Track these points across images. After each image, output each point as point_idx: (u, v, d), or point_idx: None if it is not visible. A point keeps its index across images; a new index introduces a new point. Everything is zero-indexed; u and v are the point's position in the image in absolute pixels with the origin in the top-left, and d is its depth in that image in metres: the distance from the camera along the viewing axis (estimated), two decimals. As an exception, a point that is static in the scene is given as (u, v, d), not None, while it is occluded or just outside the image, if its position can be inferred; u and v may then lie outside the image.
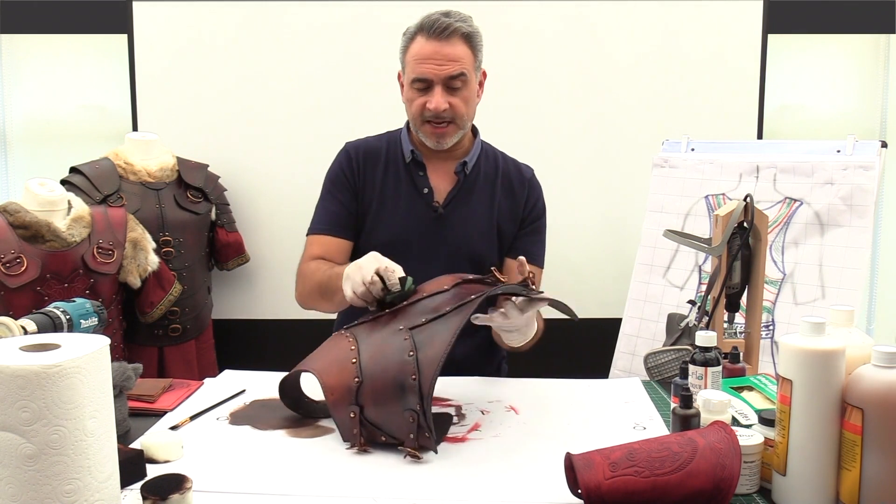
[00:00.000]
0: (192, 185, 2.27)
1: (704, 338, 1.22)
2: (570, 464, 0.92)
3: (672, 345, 1.49)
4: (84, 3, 2.50)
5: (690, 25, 2.42)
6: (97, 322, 1.18)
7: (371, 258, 1.27)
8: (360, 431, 1.11)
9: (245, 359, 2.30)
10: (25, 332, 1.07)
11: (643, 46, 2.43)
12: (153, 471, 1.00)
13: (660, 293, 2.06)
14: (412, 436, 1.08)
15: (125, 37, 2.43)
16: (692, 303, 1.55)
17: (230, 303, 2.52)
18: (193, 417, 1.23)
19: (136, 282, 1.99)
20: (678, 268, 2.05)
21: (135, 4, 2.41)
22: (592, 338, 2.31)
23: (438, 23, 1.45)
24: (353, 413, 1.12)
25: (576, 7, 2.42)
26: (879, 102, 2.60)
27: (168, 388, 1.35)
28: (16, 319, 1.08)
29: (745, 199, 1.44)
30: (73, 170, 2.15)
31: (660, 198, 2.12)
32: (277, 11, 2.42)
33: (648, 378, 1.47)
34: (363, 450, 1.10)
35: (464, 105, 1.49)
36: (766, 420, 1.00)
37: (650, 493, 0.87)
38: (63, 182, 2.06)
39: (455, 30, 1.45)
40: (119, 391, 1.16)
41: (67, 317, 1.13)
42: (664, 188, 2.12)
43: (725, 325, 1.48)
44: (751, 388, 1.28)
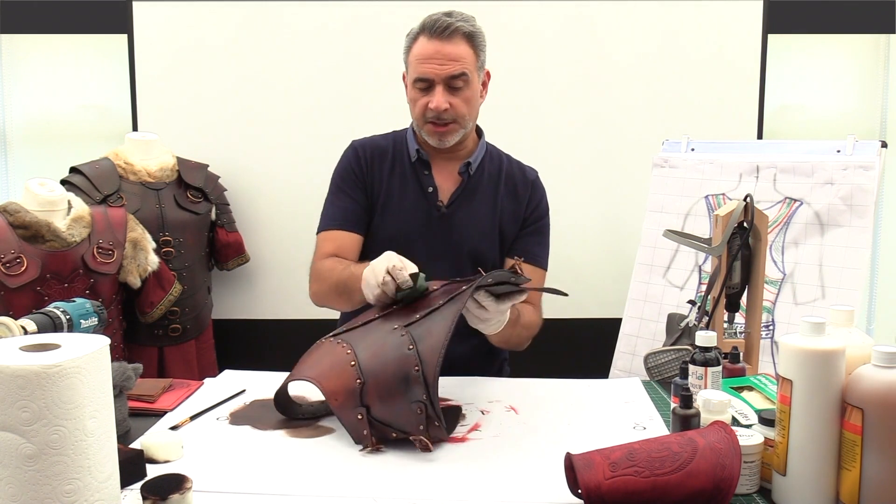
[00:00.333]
0: (192, 185, 2.27)
1: (704, 338, 1.22)
2: (570, 464, 0.92)
3: (672, 345, 1.49)
4: (84, 3, 2.50)
5: (690, 25, 2.42)
6: (97, 322, 1.18)
7: (383, 258, 1.28)
8: (371, 432, 1.11)
9: (245, 359, 2.30)
10: (25, 332, 1.07)
11: (643, 46, 2.43)
12: (153, 471, 1.00)
13: (660, 293, 2.06)
14: (422, 427, 1.09)
15: (125, 37, 2.43)
16: (692, 303, 1.55)
17: (230, 303, 2.52)
18: (193, 417, 1.23)
19: (136, 282, 1.99)
20: (678, 268, 2.05)
21: (135, 4, 2.41)
22: (592, 338, 2.31)
23: (439, 22, 1.45)
24: (361, 415, 1.12)
25: (576, 7, 2.42)
26: (879, 102, 2.60)
27: (168, 388, 1.35)
28: (16, 319, 1.08)
29: (745, 199, 1.44)
30: (73, 170, 2.15)
31: (660, 198, 2.12)
32: (277, 11, 2.42)
33: (648, 378, 1.47)
34: (376, 449, 1.10)
35: (465, 105, 1.50)
36: (766, 420, 1.00)
37: (650, 493, 0.87)
38: (63, 182, 2.06)
39: (456, 29, 1.45)
40: (119, 391, 1.16)
41: (67, 317, 1.14)
42: (664, 188, 2.12)
43: (725, 325, 1.48)
44: (751, 388, 1.28)
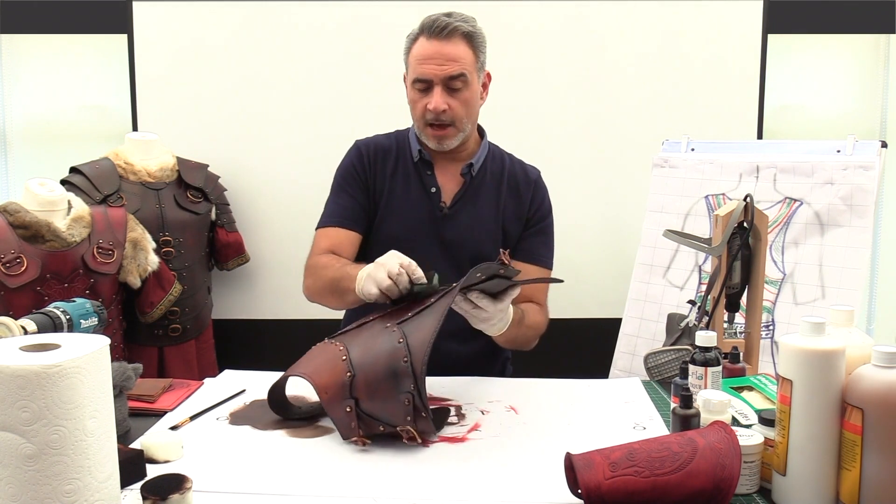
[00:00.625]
0: (192, 185, 2.27)
1: (704, 338, 1.22)
2: (570, 464, 0.92)
3: (672, 345, 1.49)
4: (84, 3, 2.50)
5: (690, 26, 2.42)
6: (97, 322, 1.18)
7: (392, 255, 1.28)
8: (358, 425, 1.11)
9: (245, 359, 2.30)
10: (25, 332, 1.07)
11: (643, 47, 2.43)
12: (153, 471, 1.00)
13: (660, 293, 2.06)
14: (409, 418, 1.10)
15: (125, 37, 2.43)
16: (692, 303, 1.55)
17: (230, 303, 2.52)
18: (193, 417, 1.23)
19: (136, 282, 1.99)
20: (678, 268, 2.05)
21: (135, 4, 2.41)
22: (592, 338, 2.31)
23: (438, 22, 1.45)
24: (349, 407, 1.12)
25: (576, 7, 2.42)
26: (879, 102, 2.60)
27: (168, 388, 1.35)
28: (16, 319, 1.08)
29: (745, 199, 1.44)
30: (73, 170, 2.15)
31: (660, 198, 2.12)
32: (277, 11, 2.42)
33: (648, 378, 1.47)
34: (363, 443, 1.10)
35: (463, 107, 1.49)
36: (766, 420, 1.00)
37: (650, 493, 0.87)
38: (63, 182, 2.06)
39: (455, 29, 1.45)
40: (119, 391, 1.16)
41: (67, 317, 1.14)
42: (664, 188, 2.12)
43: (725, 325, 1.48)
44: (751, 388, 1.28)
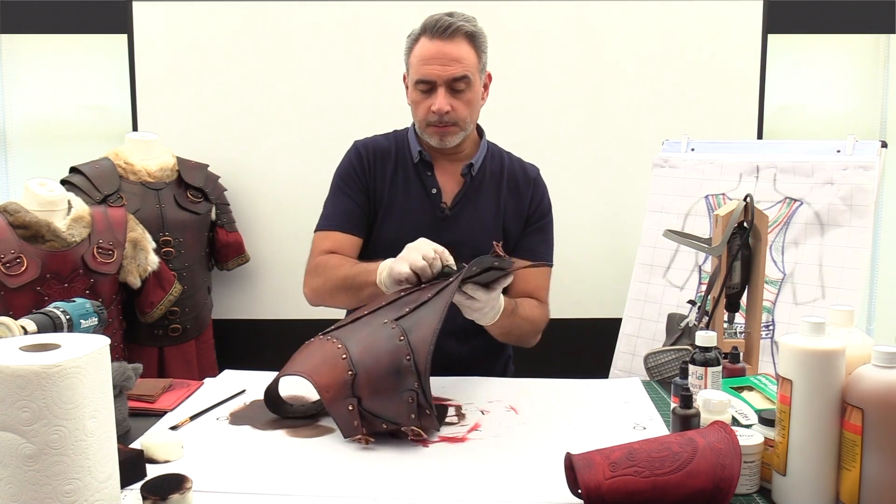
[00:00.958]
0: (192, 185, 2.27)
1: (704, 338, 1.22)
2: (570, 464, 0.92)
3: (672, 345, 1.49)
4: (84, 3, 2.50)
5: (690, 26, 2.42)
6: (97, 322, 1.18)
7: (424, 241, 1.30)
8: (361, 423, 1.11)
9: (245, 359, 2.29)
10: (25, 332, 1.07)
11: (643, 47, 2.43)
12: (153, 471, 1.00)
13: (660, 293, 2.06)
14: (413, 416, 1.10)
15: (125, 37, 2.43)
16: (692, 303, 1.55)
17: (230, 303, 2.52)
18: (193, 417, 1.23)
19: (136, 282, 1.99)
20: (678, 268, 2.05)
21: (135, 4, 2.41)
22: (592, 338, 2.31)
23: (441, 22, 1.45)
24: (352, 406, 1.12)
25: (576, 7, 2.42)
26: (879, 102, 2.60)
27: (168, 388, 1.35)
28: (16, 319, 1.08)
29: (745, 199, 1.44)
30: (73, 170, 2.15)
31: (660, 198, 2.12)
32: (277, 11, 2.42)
33: (648, 378, 1.47)
34: (366, 442, 1.10)
35: (466, 108, 1.50)
36: (766, 420, 1.00)
37: (650, 493, 0.87)
38: (63, 182, 2.06)
39: (458, 29, 1.45)
40: (119, 391, 1.15)
41: (67, 317, 1.14)
42: (664, 188, 2.12)
43: (725, 325, 1.48)
44: (751, 388, 1.28)
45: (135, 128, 2.44)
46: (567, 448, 0.96)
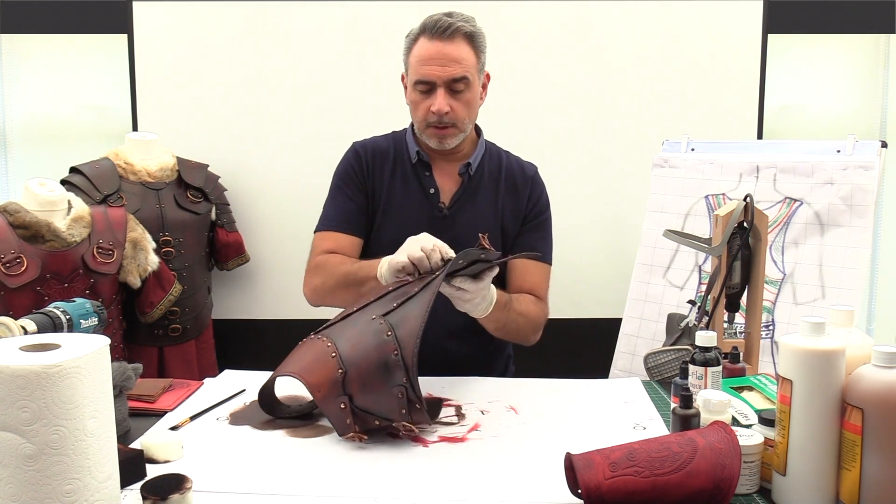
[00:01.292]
0: (192, 185, 2.27)
1: (704, 338, 1.22)
2: (570, 464, 0.92)
3: (672, 345, 1.49)
4: (84, 3, 2.50)
5: (690, 25, 2.42)
6: (97, 322, 1.18)
7: (425, 235, 1.32)
8: (353, 420, 1.12)
9: (245, 359, 2.30)
10: (25, 332, 1.07)
11: (643, 47, 2.43)
12: (153, 471, 1.00)
13: (660, 293, 2.06)
14: (404, 411, 1.11)
15: (125, 37, 2.43)
16: (692, 303, 1.55)
17: (230, 303, 2.52)
18: (193, 417, 1.23)
19: (136, 282, 1.99)
20: (678, 268, 2.05)
21: (135, 4, 2.41)
22: (592, 338, 2.31)
23: (441, 22, 1.45)
24: (344, 404, 1.12)
25: (576, 7, 2.42)
26: (879, 102, 2.60)
27: (168, 388, 1.35)
28: (16, 319, 1.08)
29: (745, 199, 1.44)
30: (73, 170, 2.15)
31: (660, 198, 2.12)
32: (278, 12, 2.42)
33: (648, 378, 1.47)
34: (360, 439, 1.10)
35: (465, 108, 1.50)
36: (766, 420, 1.00)
37: (650, 493, 0.87)
38: (63, 182, 2.06)
39: (457, 29, 1.45)
40: (119, 391, 1.16)
41: (67, 317, 1.14)
42: (664, 188, 2.12)
43: (725, 325, 1.48)
44: (751, 388, 1.28)
45: (135, 128, 2.44)
46: (567, 448, 0.96)
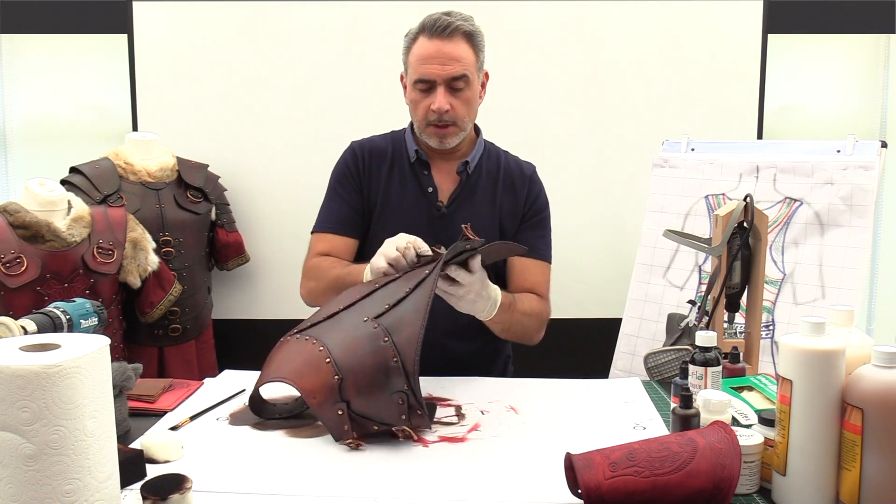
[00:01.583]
0: (192, 185, 2.27)
1: (704, 338, 1.22)
2: (570, 464, 0.92)
3: (672, 345, 1.49)
4: (84, 3, 2.50)
5: (690, 25, 2.42)
6: (97, 322, 1.18)
7: (401, 234, 1.33)
8: (351, 426, 1.11)
9: (245, 359, 2.28)
10: (25, 332, 1.07)
11: (643, 47, 2.43)
12: (153, 471, 1.00)
13: (660, 293, 2.06)
14: (404, 417, 1.10)
15: (125, 37, 2.43)
16: (692, 303, 1.55)
17: (230, 303, 2.52)
18: (193, 417, 1.23)
19: (136, 282, 1.99)
20: (678, 268, 2.05)
21: (135, 4, 2.41)
22: (592, 338, 2.31)
23: (440, 21, 1.45)
24: (341, 410, 1.12)
25: (576, 7, 2.42)
26: (879, 102, 2.60)
27: (168, 388, 1.35)
28: (16, 319, 1.08)
29: (745, 199, 1.44)
30: (73, 170, 2.15)
31: (660, 198, 2.12)
32: (278, 12, 2.42)
33: (648, 378, 1.47)
34: (357, 445, 1.10)
35: (465, 107, 1.50)
36: (766, 420, 1.00)
37: (650, 493, 0.87)
38: (63, 182, 2.06)
39: (456, 28, 1.45)
40: (119, 391, 1.15)
41: (67, 317, 1.14)
42: (664, 188, 2.12)
43: (725, 325, 1.48)
44: (751, 388, 1.28)
45: (135, 128, 2.44)
46: (567, 448, 0.96)
